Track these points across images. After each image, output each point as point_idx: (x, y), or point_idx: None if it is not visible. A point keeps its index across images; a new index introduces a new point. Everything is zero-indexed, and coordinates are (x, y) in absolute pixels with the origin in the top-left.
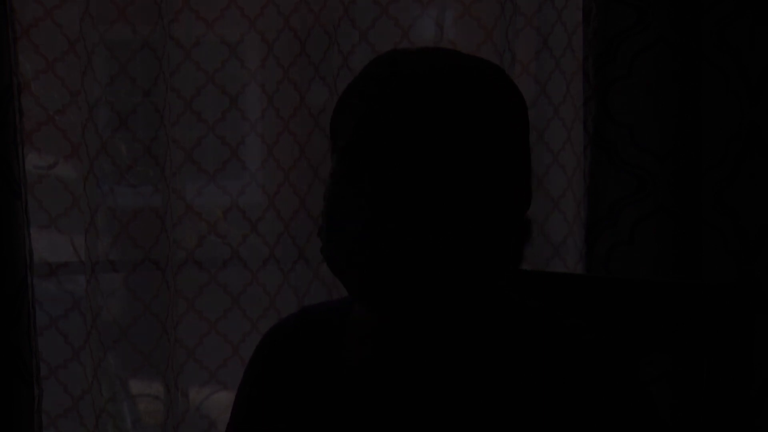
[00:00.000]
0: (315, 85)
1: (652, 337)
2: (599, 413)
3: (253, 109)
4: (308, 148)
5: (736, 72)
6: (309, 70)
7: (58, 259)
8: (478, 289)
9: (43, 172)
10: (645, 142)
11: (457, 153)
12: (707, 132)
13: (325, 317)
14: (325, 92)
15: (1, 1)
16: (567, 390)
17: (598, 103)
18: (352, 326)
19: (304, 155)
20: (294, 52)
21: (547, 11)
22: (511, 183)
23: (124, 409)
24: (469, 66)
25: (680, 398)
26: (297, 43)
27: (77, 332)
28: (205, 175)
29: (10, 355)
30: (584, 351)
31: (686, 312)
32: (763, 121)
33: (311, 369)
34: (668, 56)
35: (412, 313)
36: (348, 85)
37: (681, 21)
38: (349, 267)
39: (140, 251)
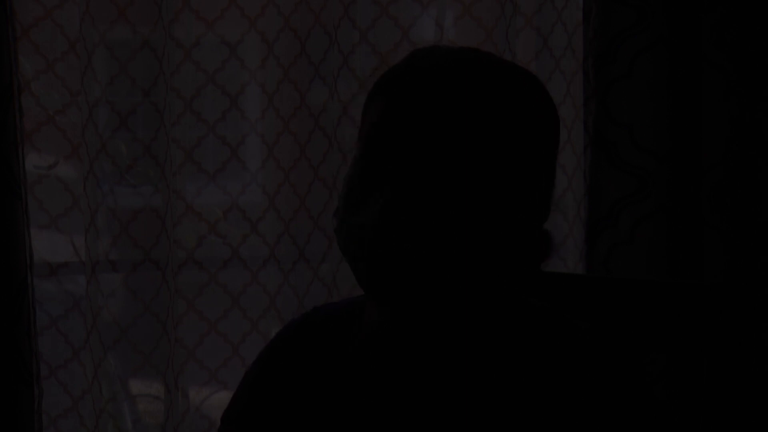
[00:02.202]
0: (315, 85)
1: (652, 337)
2: (604, 413)
3: (253, 109)
4: (308, 148)
5: (736, 72)
6: (309, 70)
7: (58, 259)
8: (488, 288)
9: (43, 172)
10: (645, 142)
11: (477, 147)
12: (707, 132)
13: (336, 316)
14: (325, 92)
15: (1, 1)
16: (573, 389)
17: (598, 103)
18: (363, 326)
19: (304, 155)
20: (294, 52)
21: (547, 11)
22: (529, 184)
23: (124, 409)
24: (502, 67)
25: (679, 398)
26: (297, 43)
27: (77, 332)
28: (205, 175)
29: (10, 355)
30: (590, 351)
31: (686, 312)
32: (763, 121)
33: (320, 367)
34: (668, 56)
35: (416, 306)
36: (384, 72)
37: (681, 21)
38: (360, 253)
39: (140, 251)
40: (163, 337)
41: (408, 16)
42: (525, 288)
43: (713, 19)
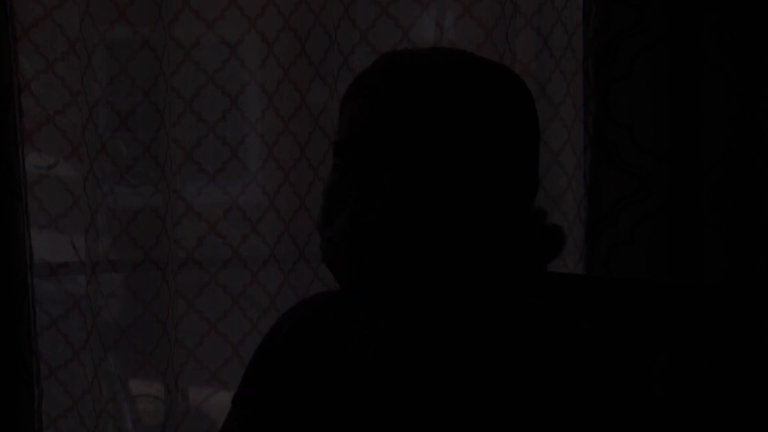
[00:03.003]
0: (315, 85)
1: (652, 337)
2: (605, 413)
3: (253, 109)
4: (308, 148)
5: (736, 72)
6: (309, 70)
7: (58, 259)
8: (479, 281)
9: (43, 172)
10: (645, 142)
11: (460, 142)
12: (707, 132)
13: (338, 306)
14: (325, 92)
15: (1, 1)
16: (573, 389)
17: (598, 103)
18: (363, 321)
19: (304, 155)
20: (294, 52)
21: (547, 11)
22: (506, 176)
23: (124, 409)
24: (463, 60)
25: (679, 398)
26: (297, 43)
27: (77, 332)
28: (205, 175)
29: (10, 355)
30: (590, 351)
31: (686, 312)
32: (763, 121)
33: (321, 355)
34: (668, 56)
35: (410, 305)
36: (353, 80)
37: (681, 21)
38: (336, 261)
39: (140, 251)
40: (163, 337)
41: (408, 16)
42: (528, 282)
43: (713, 19)
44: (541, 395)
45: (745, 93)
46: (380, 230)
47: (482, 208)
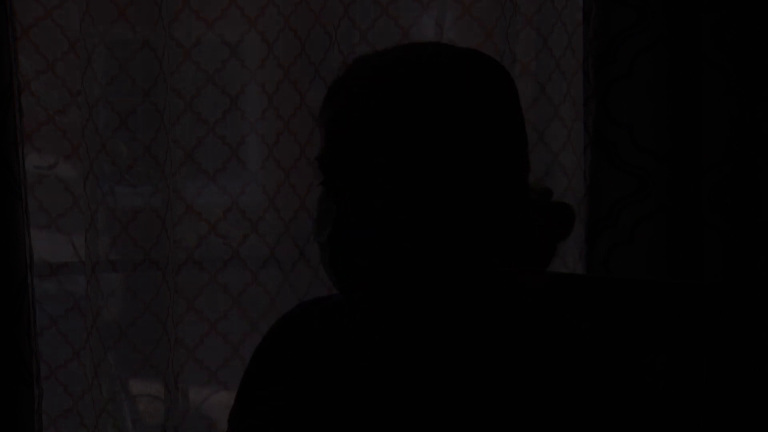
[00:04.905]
0: (315, 85)
1: (652, 337)
2: (605, 413)
3: (253, 109)
4: (308, 148)
5: (736, 72)
6: (309, 70)
7: (58, 259)
8: (473, 283)
9: (43, 172)
10: (645, 142)
11: (439, 139)
12: (707, 132)
13: (326, 310)
14: (325, 92)
15: (1, 1)
16: (573, 389)
17: (598, 103)
18: (352, 322)
19: (304, 155)
20: (294, 52)
21: (547, 11)
22: (500, 163)
23: (124, 409)
24: (456, 54)
25: (679, 398)
26: (297, 43)
27: (77, 332)
28: (205, 175)
29: (10, 355)
30: (590, 351)
31: (686, 312)
32: (763, 121)
33: (313, 361)
34: (668, 56)
35: (394, 302)
36: (325, 96)
37: (681, 21)
38: (323, 264)
39: (140, 251)
40: (163, 337)
41: (408, 16)
42: (544, 263)
43: (713, 19)
44: (541, 396)
45: (745, 93)
46: (379, 230)
47: (481, 202)
